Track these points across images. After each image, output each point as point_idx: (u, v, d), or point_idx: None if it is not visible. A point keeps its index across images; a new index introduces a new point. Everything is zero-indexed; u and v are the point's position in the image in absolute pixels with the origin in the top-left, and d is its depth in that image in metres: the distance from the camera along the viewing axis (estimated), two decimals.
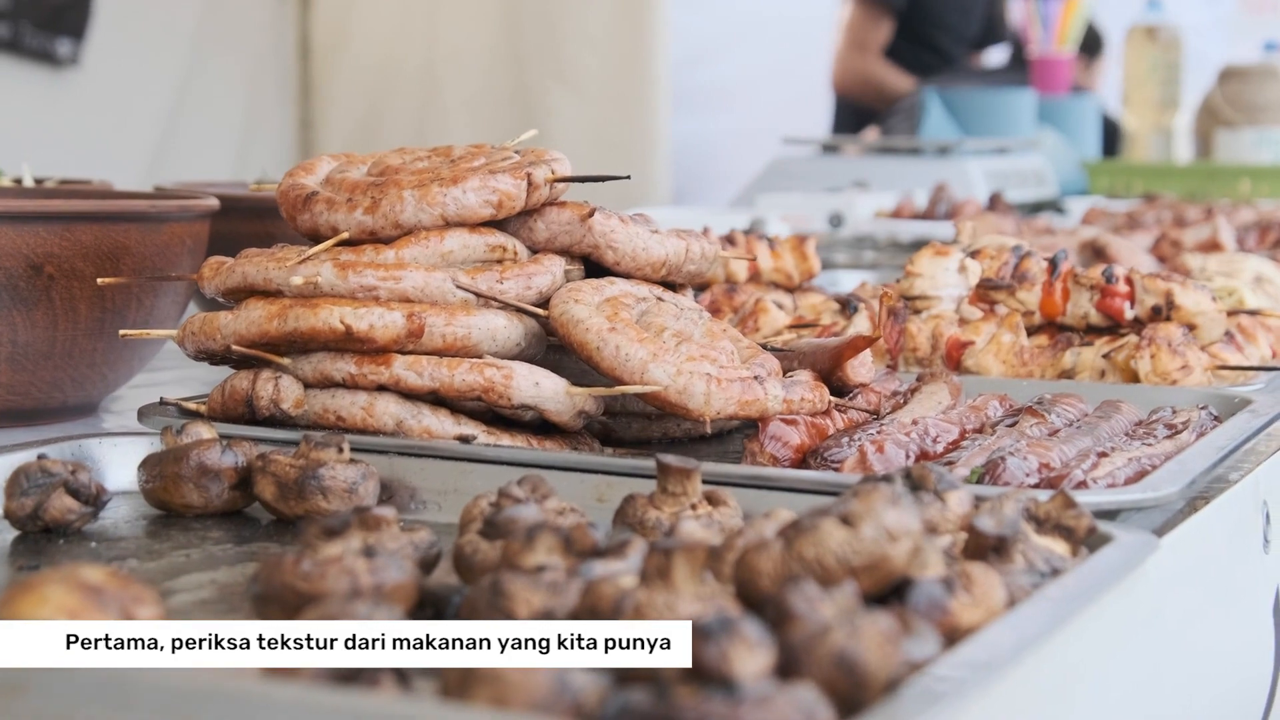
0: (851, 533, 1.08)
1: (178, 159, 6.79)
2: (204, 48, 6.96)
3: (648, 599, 1.04)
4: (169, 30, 6.82)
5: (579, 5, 7.20)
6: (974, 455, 1.62)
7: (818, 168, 5.42)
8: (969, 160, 5.33)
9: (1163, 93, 6.61)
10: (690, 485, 1.41)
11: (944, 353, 2.19)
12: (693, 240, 1.91)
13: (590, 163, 6.60)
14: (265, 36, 7.47)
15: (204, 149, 6.94)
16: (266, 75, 7.50)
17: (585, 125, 6.89)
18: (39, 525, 1.49)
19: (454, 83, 7.52)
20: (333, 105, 7.75)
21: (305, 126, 7.86)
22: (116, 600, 1.04)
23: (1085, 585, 1.19)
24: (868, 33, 7.39)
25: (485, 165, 1.81)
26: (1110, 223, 3.77)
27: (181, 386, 2.37)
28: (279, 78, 7.62)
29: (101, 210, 1.97)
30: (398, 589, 1.17)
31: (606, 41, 6.86)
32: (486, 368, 1.68)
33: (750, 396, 1.68)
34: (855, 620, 0.95)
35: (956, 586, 1.11)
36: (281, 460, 1.54)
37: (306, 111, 7.85)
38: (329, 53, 7.74)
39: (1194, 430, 1.78)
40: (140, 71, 6.67)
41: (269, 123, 7.52)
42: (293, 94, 7.76)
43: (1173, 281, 2.18)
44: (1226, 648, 1.61)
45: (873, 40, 7.37)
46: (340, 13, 7.72)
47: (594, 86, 6.93)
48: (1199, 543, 1.52)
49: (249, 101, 7.34)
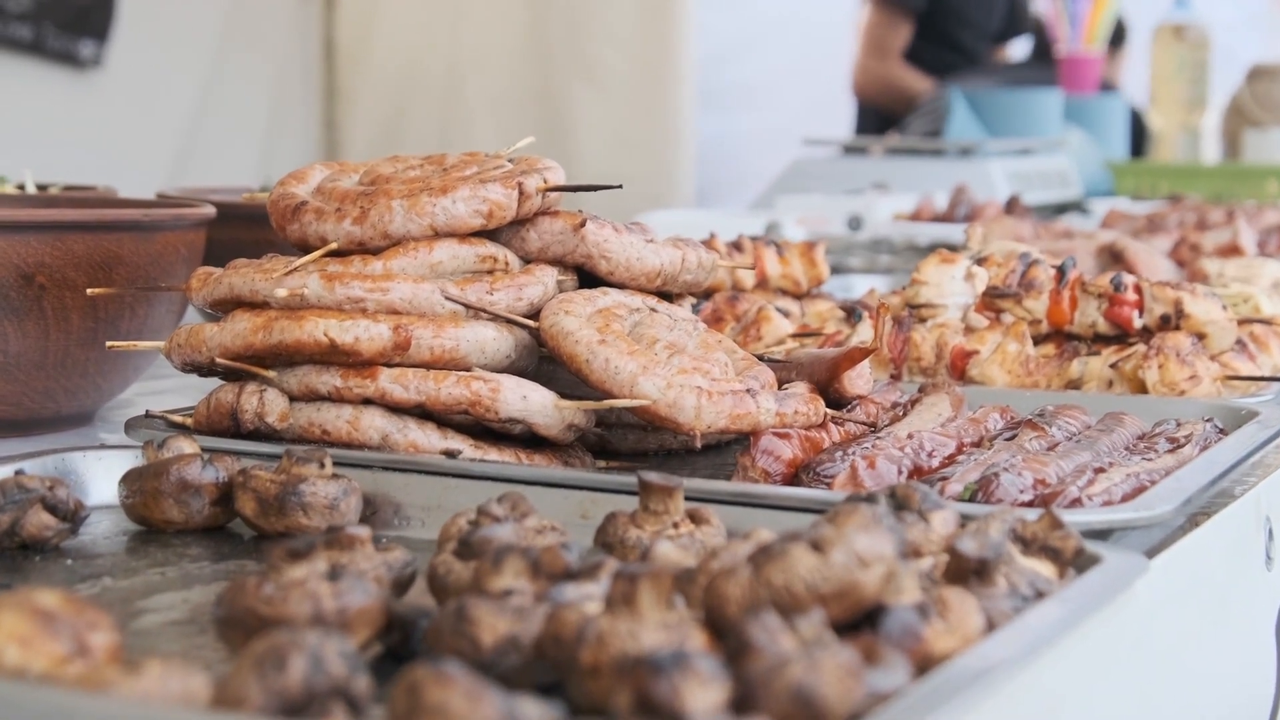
0: (821, 559, 1.05)
1: (201, 161, 6.78)
2: (228, 49, 6.96)
3: (610, 627, 1.02)
4: (193, 32, 6.81)
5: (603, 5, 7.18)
6: (968, 471, 1.59)
7: (838, 169, 5.39)
8: (991, 161, 5.28)
9: (1190, 92, 6.56)
10: (672, 503, 1.38)
11: (948, 362, 2.16)
12: (689, 249, 1.88)
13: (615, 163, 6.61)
14: (289, 37, 7.46)
15: (228, 151, 6.94)
16: (291, 76, 7.50)
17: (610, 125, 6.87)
18: (15, 542, 1.47)
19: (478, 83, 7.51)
20: (357, 106, 7.74)
21: (330, 127, 7.86)
22: (70, 626, 1.02)
23: (1067, 610, 1.16)
24: (886, 36, 7.34)
25: (476, 174, 1.79)
26: (1130, 225, 3.73)
27: (182, 396, 2.35)
28: (303, 79, 7.62)
29: (93, 219, 1.96)
30: (362, 613, 1.14)
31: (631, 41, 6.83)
32: (473, 381, 1.65)
33: (742, 410, 1.65)
34: (815, 653, 0.93)
35: (931, 613, 1.09)
36: (262, 476, 1.52)
37: (331, 112, 7.84)
38: (353, 54, 7.73)
39: (1197, 444, 1.75)
40: (164, 73, 6.66)
41: (293, 124, 7.52)
42: (317, 95, 7.75)
43: (1182, 290, 2.14)
44: (1224, 669, 1.58)
45: (892, 44, 7.32)
46: (365, 13, 7.72)
47: (619, 86, 6.90)
48: (1195, 561, 1.49)
49: (273, 103, 7.34)
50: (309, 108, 7.67)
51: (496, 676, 1.07)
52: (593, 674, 1.00)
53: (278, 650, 0.94)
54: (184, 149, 6.74)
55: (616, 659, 0.99)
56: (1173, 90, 6.57)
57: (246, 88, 7.14)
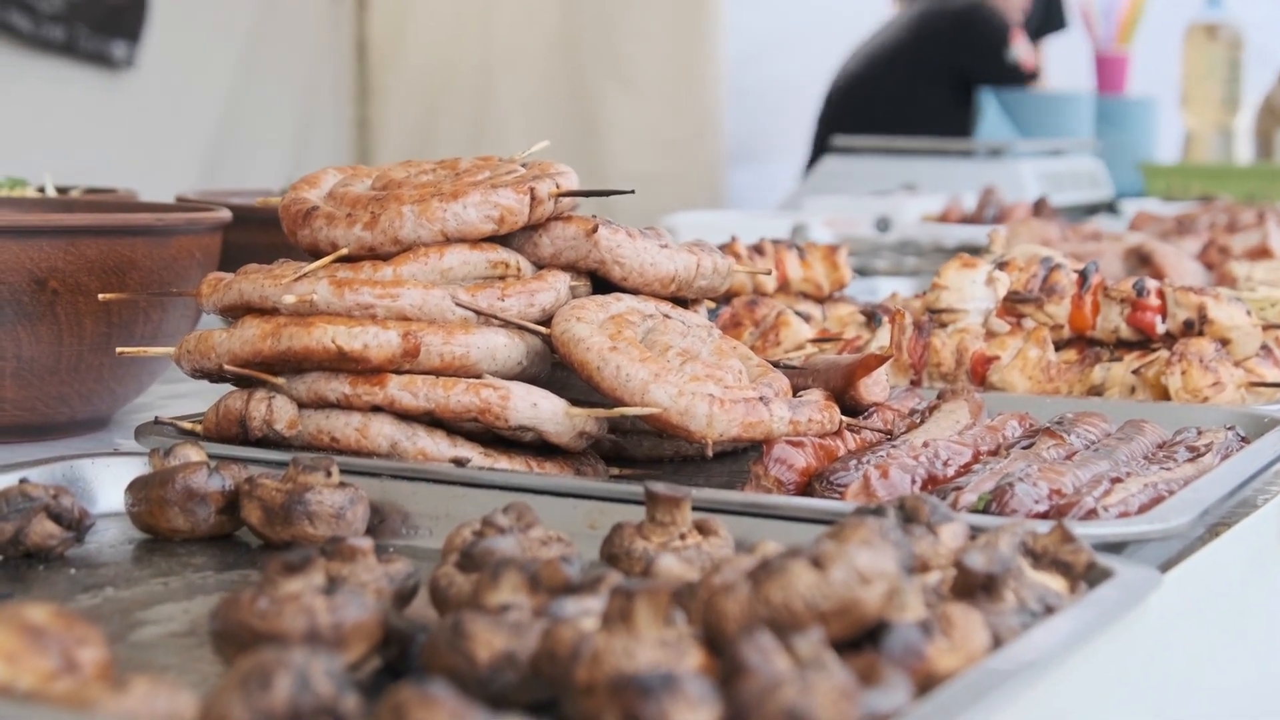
0: (821, 576, 1.04)
1: (234, 161, 6.79)
2: (260, 49, 6.97)
3: (606, 644, 1.00)
4: (225, 32, 6.82)
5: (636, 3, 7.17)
6: (983, 480, 1.57)
7: (867, 169, 5.36)
8: (1022, 162, 5.25)
9: (1223, 92, 6.50)
10: (679, 514, 1.36)
11: (969, 368, 2.14)
12: (704, 254, 1.86)
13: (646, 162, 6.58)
14: (321, 37, 7.47)
15: (261, 150, 6.94)
16: (323, 76, 7.50)
17: (642, 124, 6.86)
18: (20, 550, 1.46)
19: (510, 82, 7.50)
20: (389, 106, 7.74)
21: (362, 127, 7.87)
22: (59, 642, 1.00)
23: (1076, 626, 1.14)
24: None
25: (488, 180, 1.77)
26: (1159, 227, 3.70)
27: (202, 400, 2.33)
28: (335, 78, 7.63)
29: (106, 224, 1.95)
30: (358, 628, 1.13)
31: (663, 40, 6.82)
32: (483, 388, 1.64)
33: (754, 418, 1.63)
34: (809, 675, 0.91)
35: (935, 630, 1.07)
36: (268, 484, 1.51)
37: (364, 112, 7.85)
38: (386, 53, 7.74)
39: (1218, 453, 1.72)
40: (196, 73, 6.67)
41: (326, 123, 7.53)
42: (349, 94, 7.76)
43: (1206, 295, 2.11)
44: (1242, 683, 1.55)
45: None
46: (397, 13, 7.72)
47: (651, 85, 6.89)
48: (1212, 574, 1.46)
49: (305, 103, 7.35)
50: (341, 108, 7.68)
51: (493, 693, 1.05)
52: (588, 692, 0.98)
53: (263, 669, 0.93)
54: (216, 149, 6.75)
55: (611, 677, 0.97)
56: (1205, 90, 6.51)
57: (279, 88, 7.15)
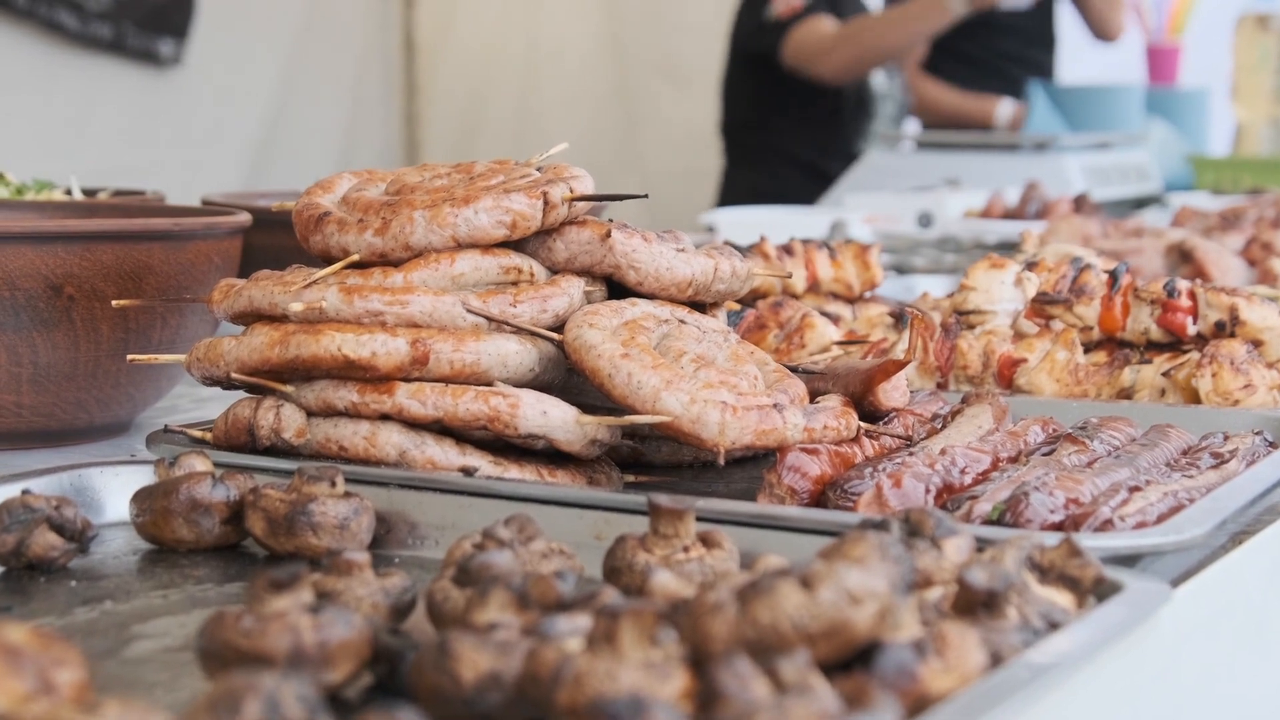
0: (809, 596, 1.01)
1: (282, 158, 6.81)
2: (308, 46, 6.98)
3: (589, 666, 0.98)
4: (273, 29, 6.84)
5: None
6: (999, 489, 1.54)
7: (911, 164, 5.31)
8: (1067, 156, 5.19)
9: (1275, 83, 6.42)
10: (683, 527, 1.34)
11: (996, 371, 2.10)
12: (722, 258, 1.84)
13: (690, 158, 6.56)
14: (369, 34, 7.48)
15: (308, 146, 6.96)
16: (371, 72, 7.51)
17: (687, 119, 6.83)
18: (22, 562, 1.45)
19: (555, 78, 7.50)
20: (436, 102, 7.74)
21: (410, 123, 7.88)
22: (35, 663, 0.99)
23: (1078, 643, 1.11)
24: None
25: (501, 184, 1.75)
26: (1202, 223, 3.64)
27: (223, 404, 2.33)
28: (383, 75, 7.63)
29: (122, 229, 1.94)
30: (344, 646, 1.11)
31: (709, 35, 6.78)
32: (492, 396, 1.62)
33: (768, 426, 1.61)
34: (787, 701, 0.89)
35: (928, 650, 1.04)
36: (272, 495, 1.50)
37: (411, 108, 7.86)
38: (434, 49, 7.74)
39: (1243, 459, 1.69)
40: (243, 71, 6.69)
41: (374, 120, 7.54)
42: (397, 91, 7.77)
43: (1238, 296, 2.07)
44: (1260, 699, 1.52)
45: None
46: (444, 9, 7.72)
47: (696, 80, 6.87)
48: (1230, 585, 1.43)
49: (353, 99, 7.36)
50: (389, 104, 7.69)
51: (478, 714, 1.04)
52: (570, 715, 0.97)
53: (232, 694, 0.91)
54: (264, 146, 6.77)
55: (593, 700, 0.95)
56: (1256, 81, 6.43)
57: (326, 85, 7.16)
